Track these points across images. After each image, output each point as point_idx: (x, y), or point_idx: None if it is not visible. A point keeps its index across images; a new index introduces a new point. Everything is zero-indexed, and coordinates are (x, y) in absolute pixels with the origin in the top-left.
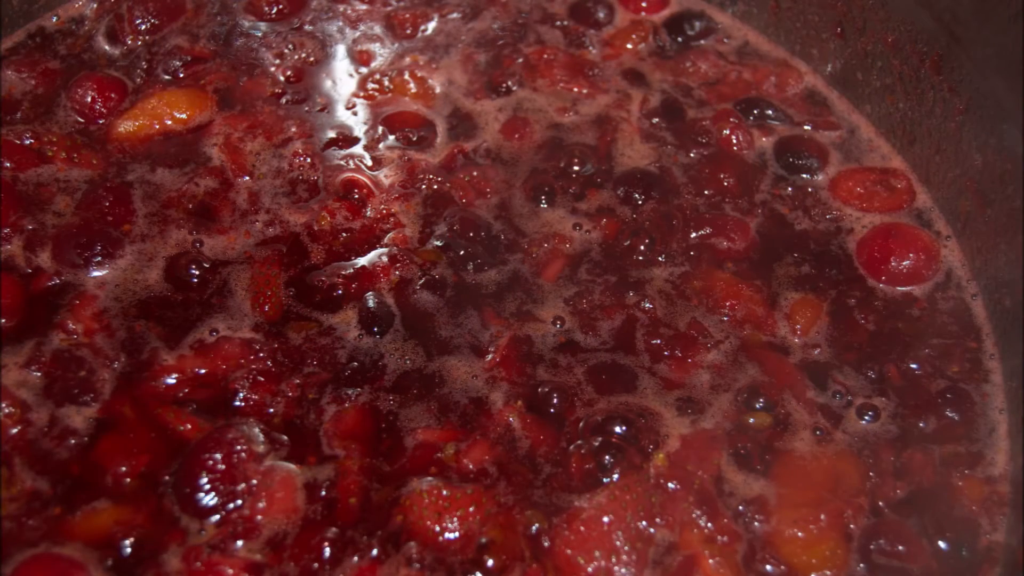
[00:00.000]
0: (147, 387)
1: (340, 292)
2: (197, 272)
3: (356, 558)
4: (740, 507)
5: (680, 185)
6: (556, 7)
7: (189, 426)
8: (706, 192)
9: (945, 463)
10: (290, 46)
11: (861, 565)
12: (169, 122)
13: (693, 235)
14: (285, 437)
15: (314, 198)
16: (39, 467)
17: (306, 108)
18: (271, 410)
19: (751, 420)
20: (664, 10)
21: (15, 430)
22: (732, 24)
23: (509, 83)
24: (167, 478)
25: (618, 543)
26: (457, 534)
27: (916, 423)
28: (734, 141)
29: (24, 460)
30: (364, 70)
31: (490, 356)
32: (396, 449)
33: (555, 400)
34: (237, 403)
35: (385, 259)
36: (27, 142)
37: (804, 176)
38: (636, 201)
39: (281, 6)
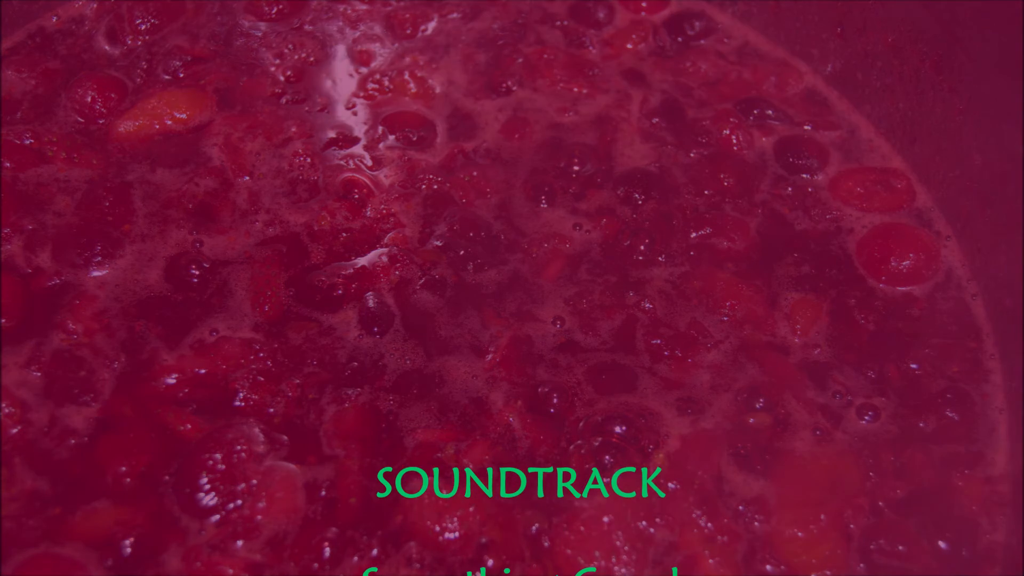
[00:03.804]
0: (147, 387)
1: (340, 292)
2: (197, 272)
3: (356, 558)
4: (740, 507)
5: (680, 185)
6: (556, 7)
7: (189, 426)
8: (706, 192)
9: (945, 463)
10: (290, 46)
11: (861, 565)
12: (169, 122)
13: (693, 235)
14: (285, 437)
15: (314, 198)
16: (39, 467)
17: (306, 108)
18: (271, 410)
19: (751, 420)
20: (664, 10)
21: (15, 430)
22: (732, 24)
23: (509, 83)
24: (167, 478)
25: (618, 543)
26: (457, 534)
27: (916, 423)
28: (734, 141)
29: (24, 460)
30: (364, 70)
31: (490, 356)
32: (396, 449)
33: (555, 400)
34: (237, 403)
35: (385, 259)
36: (27, 142)
37: (804, 176)
38: (636, 201)
39: (281, 6)
